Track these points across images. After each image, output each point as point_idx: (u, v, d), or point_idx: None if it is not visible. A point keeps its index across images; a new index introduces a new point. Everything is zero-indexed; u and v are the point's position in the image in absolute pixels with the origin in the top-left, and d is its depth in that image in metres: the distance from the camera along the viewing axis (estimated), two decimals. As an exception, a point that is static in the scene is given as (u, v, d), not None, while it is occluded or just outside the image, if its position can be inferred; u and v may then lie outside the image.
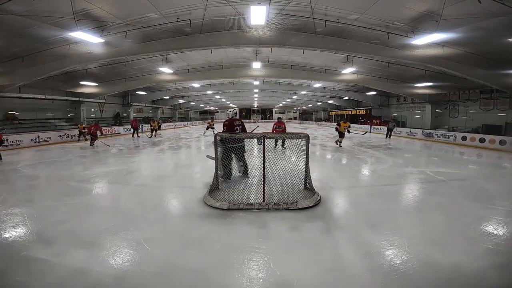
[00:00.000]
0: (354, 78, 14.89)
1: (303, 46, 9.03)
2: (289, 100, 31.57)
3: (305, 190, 4.23)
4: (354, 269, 2.26)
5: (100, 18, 7.01)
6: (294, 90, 22.59)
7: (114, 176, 5.79)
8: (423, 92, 16.24)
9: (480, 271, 2.23)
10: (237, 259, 2.39)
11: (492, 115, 13.99)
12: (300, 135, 4.14)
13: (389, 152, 9.78)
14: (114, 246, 2.58)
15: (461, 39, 7.65)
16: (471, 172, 6.71)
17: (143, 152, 9.76)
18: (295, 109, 45.92)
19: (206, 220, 3.26)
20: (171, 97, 25.44)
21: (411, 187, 4.98)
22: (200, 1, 6.48)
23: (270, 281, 2.10)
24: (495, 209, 3.61)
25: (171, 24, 7.69)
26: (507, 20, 6.10)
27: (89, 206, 3.75)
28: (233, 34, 8.57)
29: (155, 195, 4.28)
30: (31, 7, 5.98)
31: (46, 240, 2.70)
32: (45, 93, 14.35)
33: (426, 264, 2.31)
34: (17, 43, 8.20)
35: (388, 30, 7.76)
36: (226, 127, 5.08)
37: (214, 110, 45.20)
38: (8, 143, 9.91)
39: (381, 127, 20.44)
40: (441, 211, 3.61)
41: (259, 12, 6.27)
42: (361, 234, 2.88)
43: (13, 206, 3.67)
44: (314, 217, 3.33)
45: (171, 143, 12.76)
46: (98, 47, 8.76)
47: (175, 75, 14.61)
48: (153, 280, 2.10)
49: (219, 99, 31.38)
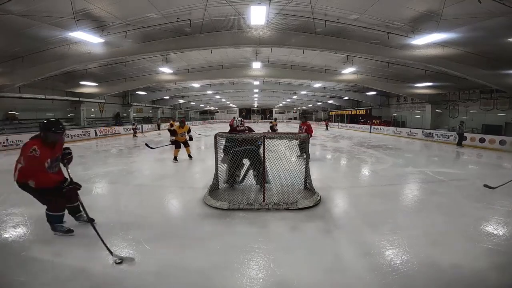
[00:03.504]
0: (354, 78, 14.89)
1: (303, 46, 9.03)
2: (289, 100, 31.56)
3: (305, 190, 4.23)
4: (354, 269, 2.26)
5: (100, 18, 7.01)
6: (294, 90, 22.60)
7: (115, 176, 5.79)
8: (423, 92, 16.24)
9: (480, 271, 2.23)
10: (237, 259, 2.38)
11: (492, 115, 13.98)
12: (300, 135, 4.14)
13: (389, 152, 9.77)
14: (114, 246, 2.57)
15: (461, 39, 7.65)
16: (471, 172, 6.72)
17: (143, 152, 9.75)
18: (295, 109, 45.91)
19: (206, 220, 3.26)
20: (171, 97, 25.43)
21: (411, 187, 4.98)
22: (200, 1, 6.48)
23: (270, 281, 2.10)
24: (495, 209, 3.61)
25: (171, 24, 7.68)
26: (507, 20, 6.10)
27: (89, 206, 3.73)
28: (233, 34, 8.58)
29: (155, 195, 4.28)
30: (31, 7, 5.97)
31: (46, 240, 2.70)
32: (45, 93, 14.35)
33: (426, 264, 2.30)
34: (17, 43, 8.20)
35: (388, 30, 7.76)
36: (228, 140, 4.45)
37: (214, 110, 45.22)
38: (8, 143, 9.92)
39: (381, 127, 20.47)
40: (441, 211, 3.61)
41: (259, 12, 6.27)
42: (361, 234, 2.88)
43: (13, 206, 3.66)
44: (314, 217, 3.33)
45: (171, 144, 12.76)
46: (98, 47, 8.76)
47: (175, 75, 14.61)
48: (153, 280, 2.10)
49: (219, 99, 31.39)
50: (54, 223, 2.81)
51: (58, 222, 2.82)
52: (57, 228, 2.82)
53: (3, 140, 9.81)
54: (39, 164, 2.54)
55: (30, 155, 2.49)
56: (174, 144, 7.20)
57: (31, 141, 2.63)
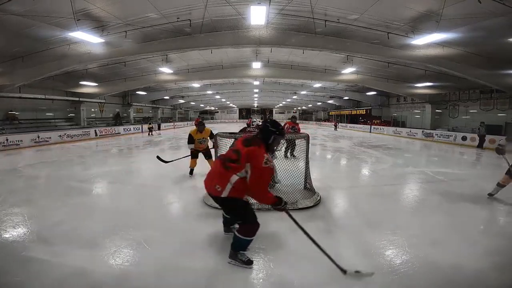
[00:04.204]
0: (354, 78, 14.89)
1: (303, 46, 9.03)
2: (289, 100, 31.56)
3: (305, 190, 4.22)
4: (354, 269, 2.26)
5: (100, 18, 7.01)
6: (294, 90, 22.60)
7: (115, 175, 5.79)
8: (423, 92, 16.24)
9: (480, 271, 2.23)
10: (237, 259, 2.38)
11: (492, 115, 13.98)
12: (300, 135, 4.14)
13: (388, 152, 9.77)
14: (114, 246, 2.57)
15: (461, 39, 7.65)
16: (471, 172, 6.71)
17: (143, 152, 9.76)
18: (295, 109, 45.92)
19: (206, 220, 3.26)
20: (171, 97, 25.44)
21: (411, 187, 4.98)
22: (200, 1, 6.48)
23: (270, 281, 2.10)
24: (495, 209, 3.61)
25: (171, 24, 7.69)
26: (507, 20, 6.11)
27: (89, 206, 3.75)
28: (233, 34, 8.58)
29: (155, 195, 4.27)
30: (31, 7, 5.98)
31: (46, 240, 2.70)
32: (45, 93, 14.36)
33: (426, 264, 2.30)
34: (17, 43, 8.20)
35: (388, 30, 7.76)
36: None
37: (214, 110, 45.22)
38: (8, 143, 9.92)
39: (380, 127, 20.47)
40: (441, 211, 3.61)
41: (259, 12, 6.27)
42: (361, 234, 2.88)
43: (13, 206, 3.67)
44: (314, 217, 3.33)
45: (171, 143, 12.78)
46: (98, 47, 8.76)
47: (175, 75, 14.62)
48: (153, 280, 2.10)
49: (219, 99, 31.40)
50: (240, 249, 2.28)
51: (245, 249, 2.32)
52: (238, 257, 2.27)
53: (3, 140, 9.80)
54: (269, 178, 2.11)
55: (266, 167, 1.97)
56: (191, 154, 5.43)
57: (256, 148, 2.06)
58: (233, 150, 2.16)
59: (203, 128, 5.21)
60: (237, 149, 2.09)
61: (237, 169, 2.02)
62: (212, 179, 2.12)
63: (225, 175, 2.05)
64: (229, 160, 2.08)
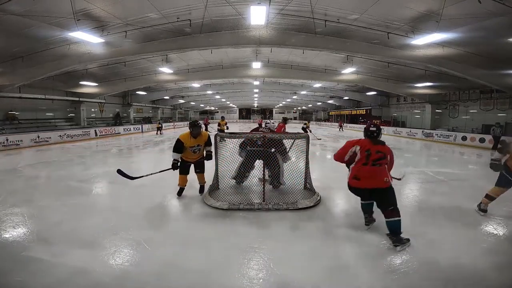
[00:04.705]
0: (354, 78, 14.89)
1: (303, 46, 9.03)
2: (289, 100, 31.56)
3: (305, 190, 4.22)
4: (354, 269, 2.26)
5: (100, 18, 7.00)
6: (294, 90, 22.60)
7: (115, 175, 5.76)
8: (423, 92, 16.24)
9: (480, 271, 2.23)
10: (237, 259, 2.39)
11: (492, 115, 13.97)
12: (300, 135, 4.14)
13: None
14: (114, 246, 2.57)
15: (461, 39, 7.65)
16: (471, 172, 6.71)
17: (143, 152, 9.76)
18: (295, 109, 45.92)
19: (206, 220, 3.26)
20: (171, 97, 25.42)
21: (411, 187, 4.97)
22: (200, 1, 6.48)
23: (270, 281, 2.10)
24: (495, 209, 3.61)
25: (171, 24, 7.68)
26: (507, 20, 6.10)
27: (89, 206, 3.75)
28: (233, 34, 8.57)
29: (155, 195, 4.27)
30: (31, 7, 5.97)
31: (46, 240, 2.70)
32: (45, 93, 14.35)
33: (426, 264, 2.31)
34: (17, 43, 8.19)
35: (388, 30, 7.76)
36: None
37: (214, 110, 45.22)
38: (8, 143, 9.92)
39: (380, 127, 20.42)
40: (441, 211, 3.62)
41: (259, 12, 6.27)
42: (361, 234, 2.88)
43: (13, 206, 3.67)
44: (314, 217, 3.33)
45: (171, 143, 12.75)
46: (98, 47, 8.76)
47: (175, 75, 14.61)
48: (153, 280, 2.10)
49: (219, 99, 31.40)
50: (399, 232, 2.50)
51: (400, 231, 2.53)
52: (403, 240, 2.47)
53: (3, 140, 9.80)
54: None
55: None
56: (178, 167, 3.89)
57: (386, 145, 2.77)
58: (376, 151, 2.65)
59: (198, 132, 3.81)
60: (378, 150, 2.66)
61: (384, 162, 2.64)
62: (375, 177, 2.60)
63: (384, 170, 2.63)
64: (377, 159, 2.62)
